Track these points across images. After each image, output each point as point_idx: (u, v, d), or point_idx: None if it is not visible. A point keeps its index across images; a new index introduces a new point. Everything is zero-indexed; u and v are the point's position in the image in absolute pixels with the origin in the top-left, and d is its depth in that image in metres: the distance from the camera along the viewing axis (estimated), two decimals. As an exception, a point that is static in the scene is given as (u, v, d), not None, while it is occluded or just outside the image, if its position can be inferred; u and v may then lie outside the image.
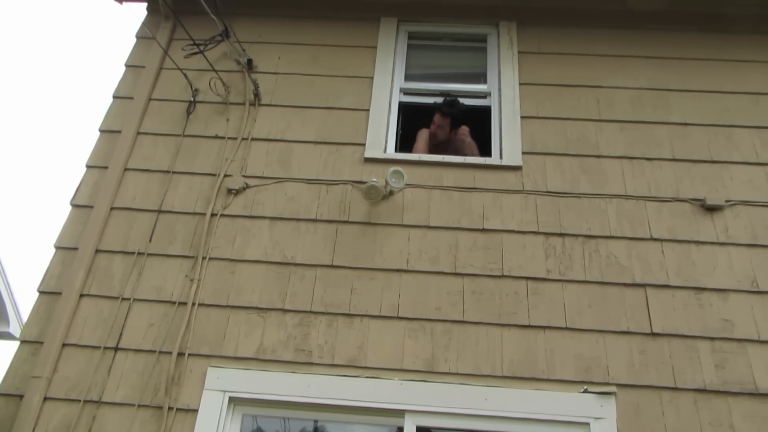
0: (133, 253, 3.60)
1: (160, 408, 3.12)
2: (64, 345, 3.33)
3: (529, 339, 3.28)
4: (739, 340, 3.26)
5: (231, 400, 3.14)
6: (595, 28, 4.47)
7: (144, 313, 3.42)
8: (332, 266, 3.52)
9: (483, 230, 3.62)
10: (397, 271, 3.50)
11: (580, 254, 3.53)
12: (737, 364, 3.20)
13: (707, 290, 3.41)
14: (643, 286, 3.43)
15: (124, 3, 4.82)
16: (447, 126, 4.30)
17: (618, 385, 3.14)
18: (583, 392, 3.12)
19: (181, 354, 3.27)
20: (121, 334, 3.35)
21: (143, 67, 4.37)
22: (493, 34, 4.55)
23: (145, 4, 4.76)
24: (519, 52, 4.36)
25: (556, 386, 3.15)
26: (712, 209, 3.66)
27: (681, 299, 3.39)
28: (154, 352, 3.29)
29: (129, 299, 3.44)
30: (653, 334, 3.28)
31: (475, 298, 3.40)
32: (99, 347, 3.31)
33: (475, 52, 4.58)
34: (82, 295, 3.47)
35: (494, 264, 3.50)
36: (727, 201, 3.68)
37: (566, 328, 3.31)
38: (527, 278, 3.46)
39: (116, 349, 3.31)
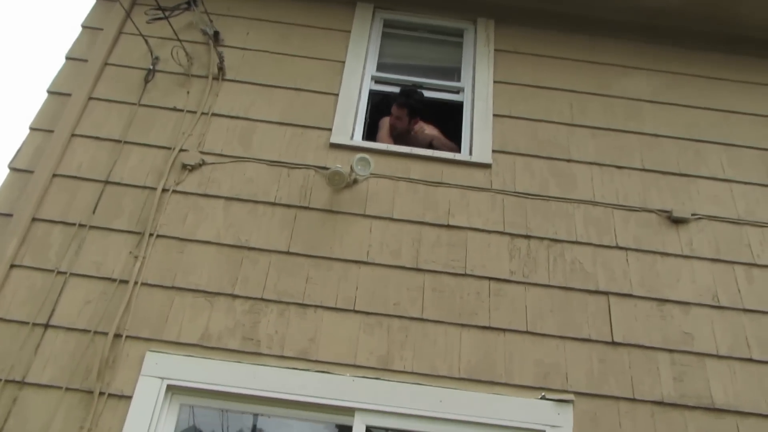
0: (74, 224, 3.34)
1: (91, 393, 2.87)
2: (-12, 318, 3.05)
3: (488, 341, 3.16)
4: (698, 354, 3.22)
5: (169, 388, 2.92)
6: (573, 33, 4.41)
7: (81, 289, 3.16)
8: (288, 253, 3.33)
9: (448, 226, 3.49)
10: (356, 262, 3.34)
11: (545, 257, 3.44)
12: (695, 377, 3.14)
13: (669, 302, 3.36)
14: (606, 294, 3.35)
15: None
16: (405, 117, 4.14)
17: (576, 393, 3.05)
18: (541, 399, 3.01)
19: (118, 336, 3.03)
20: (53, 311, 3.08)
21: (101, 29, 4.11)
22: (470, 29, 4.44)
23: (108, -35, 4.49)
24: (495, 50, 4.26)
25: (514, 391, 3.04)
26: (678, 221, 3.62)
27: (643, 309, 3.32)
28: (89, 331, 3.03)
29: (65, 273, 3.18)
30: (614, 343, 3.21)
31: (435, 296, 3.26)
32: (27, 323, 3.03)
33: (451, 47, 4.47)
34: (12, 266, 3.18)
35: (457, 262, 3.38)
36: (693, 214, 3.65)
37: (527, 332, 3.20)
38: (490, 278, 3.34)
39: (46, 326, 3.04)
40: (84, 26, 4.18)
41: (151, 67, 3.99)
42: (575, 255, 3.46)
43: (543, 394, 3.03)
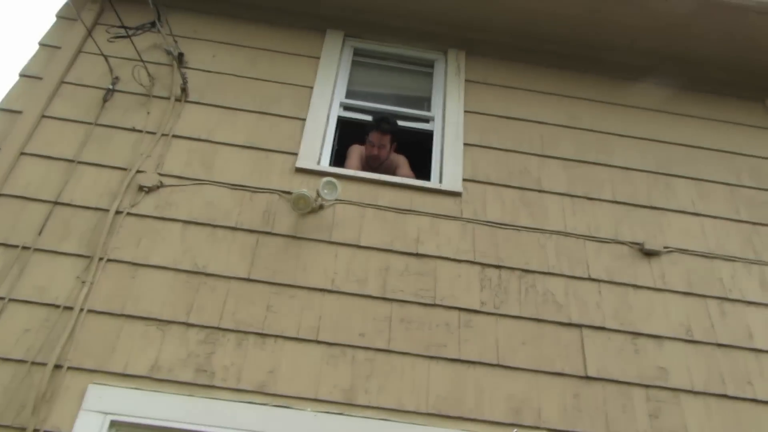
0: (17, 246, 3.11)
1: (24, 430, 2.61)
2: None
3: (458, 374, 3.00)
4: (673, 390, 3.11)
5: (113, 424, 2.66)
6: (542, 66, 4.41)
7: (20, 315, 2.92)
8: (248, 279, 3.15)
9: (417, 255, 3.36)
10: (321, 290, 3.17)
11: (516, 288, 3.32)
12: (671, 414, 3.03)
13: (643, 336, 3.26)
14: (580, 326, 3.24)
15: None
16: (388, 144, 3.99)
17: (549, 429, 2.90)
18: (513, 436, 2.86)
19: (58, 367, 2.77)
20: (-12, 339, 2.83)
21: (59, 47, 3.95)
22: (441, 60, 4.41)
23: (71, -18, 4.37)
24: (466, 80, 4.23)
25: (484, 427, 2.87)
26: (650, 254, 3.56)
27: (617, 343, 3.22)
28: (26, 362, 2.78)
29: (3, 299, 2.93)
30: (587, 378, 3.08)
31: (403, 327, 3.11)
32: (-42, 352, 2.78)
33: (421, 76, 4.42)
34: (-53, 289, 2.94)
35: (426, 291, 3.24)
36: (665, 247, 3.60)
37: (498, 365, 3.05)
38: (460, 309, 3.20)
39: (-22, 356, 2.79)
40: (42, 44, 4.01)
41: (111, 86, 3.83)
42: (547, 286, 3.36)
43: (515, 430, 2.87)
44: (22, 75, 3.81)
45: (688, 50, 4.42)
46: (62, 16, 4.17)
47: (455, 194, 3.63)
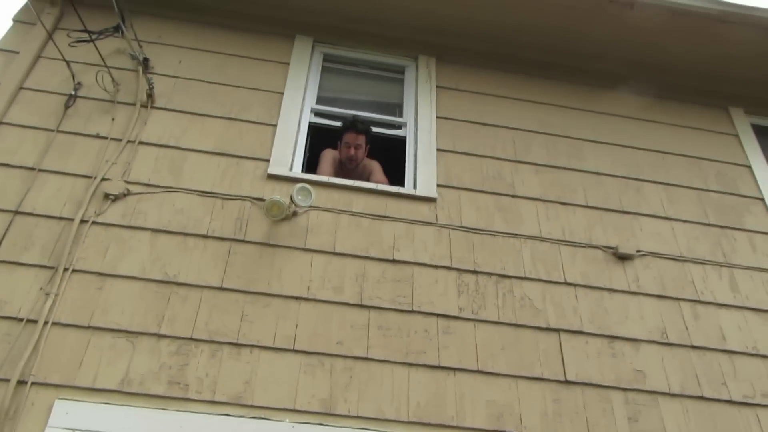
0: (-24, 257, 2.97)
1: (-15, 449, 2.48)
2: None
3: (438, 381, 2.95)
4: (650, 392, 3.11)
5: (81, 440, 2.55)
6: (511, 72, 4.43)
7: (-21, 330, 2.77)
8: (221, 288, 3.06)
9: (393, 261, 3.31)
10: (296, 298, 3.09)
11: (493, 293, 3.30)
12: (650, 417, 3.03)
13: (620, 339, 3.27)
14: (558, 330, 3.23)
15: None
16: (363, 144, 3.94)
17: (531, 436, 2.87)
18: (495, 443, 2.81)
19: (22, 382, 2.63)
20: (-55, 355, 2.68)
21: (17, 52, 3.81)
22: (411, 66, 4.39)
23: (28, -14, 4.22)
24: (437, 87, 4.22)
25: (466, 435, 2.83)
26: (623, 258, 3.58)
27: (594, 347, 3.22)
28: (-13, 378, 2.64)
29: (-38, 312, 2.79)
30: (567, 382, 3.07)
31: (381, 334, 3.05)
32: None
33: (392, 82, 4.40)
34: None
35: (404, 298, 3.19)
36: (638, 251, 3.62)
37: (478, 371, 3.02)
38: (438, 315, 3.16)
39: (-64, 373, 2.63)
40: (-2, 49, 3.87)
41: (73, 92, 3.70)
42: (524, 291, 3.34)
43: (497, 437, 2.83)
44: (-21, 80, 3.65)
45: (655, 59, 4.50)
46: (19, 20, 4.02)
47: (430, 200, 3.60)
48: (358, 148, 3.90)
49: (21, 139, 3.45)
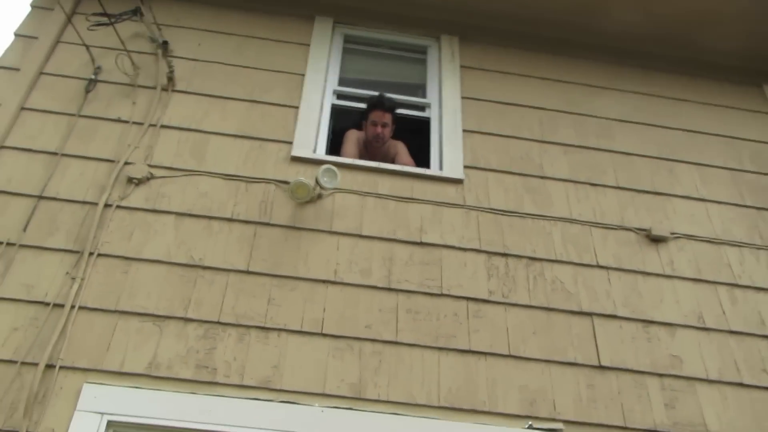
0: (1, 243, 2.93)
1: (16, 432, 2.45)
2: None
3: (469, 366, 2.89)
4: (687, 378, 3.02)
5: (110, 424, 2.50)
6: (536, 52, 4.33)
7: (7, 315, 2.73)
8: (248, 272, 3.00)
9: (421, 244, 3.24)
10: (324, 282, 3.03)
11: (524, 276, 3.22)
12: (687, 403, 2.94)
13: (655, 323, 3.17)
14: (590, 315, 3.15)
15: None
16: (390, 122, 3.84)
17: (565, 421, 2.79)
18: (528, 428, 2.74)
19: (50, 366, 2.60)
20: (-28, 340, 2.65)
21: (36, 38, 3.77)
22: (434, 46, 4.30)
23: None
24: (461, 66, 4.12)
25: (498, 420, 2.76)
26: (657, 240, 3.48)
27: (629, 331, 3.13)
28: (15, 362, 2.60)
29: (-12, 297, 2.76)
30: (601, 367, 2.98)
31: (410, 317, 2.99)
32: (-60, 354, 2.60)
33: (414, 63, 4.32)
34: (-74, 290, 2.75)
35: (432, 281, 3.12)
36: (672, 233, 3.52)
37: (509, 356, 2.94)
38: (468, 299, 3.09)
39: (-36, 358, 2.60)
40: (17, 34, 3.83)
41: (93, 76, 3.66)
42: (555, 274, 3.26)
43: (530, 423, 2.76)
44: (-1, 66, 3.62)
45: (685, 36, 4.36)
46: (37, 5, 3.99)
47: (457, 181, 3.52)
48: (385, 127, 3.81)
49: (43, 124, 3.42)
